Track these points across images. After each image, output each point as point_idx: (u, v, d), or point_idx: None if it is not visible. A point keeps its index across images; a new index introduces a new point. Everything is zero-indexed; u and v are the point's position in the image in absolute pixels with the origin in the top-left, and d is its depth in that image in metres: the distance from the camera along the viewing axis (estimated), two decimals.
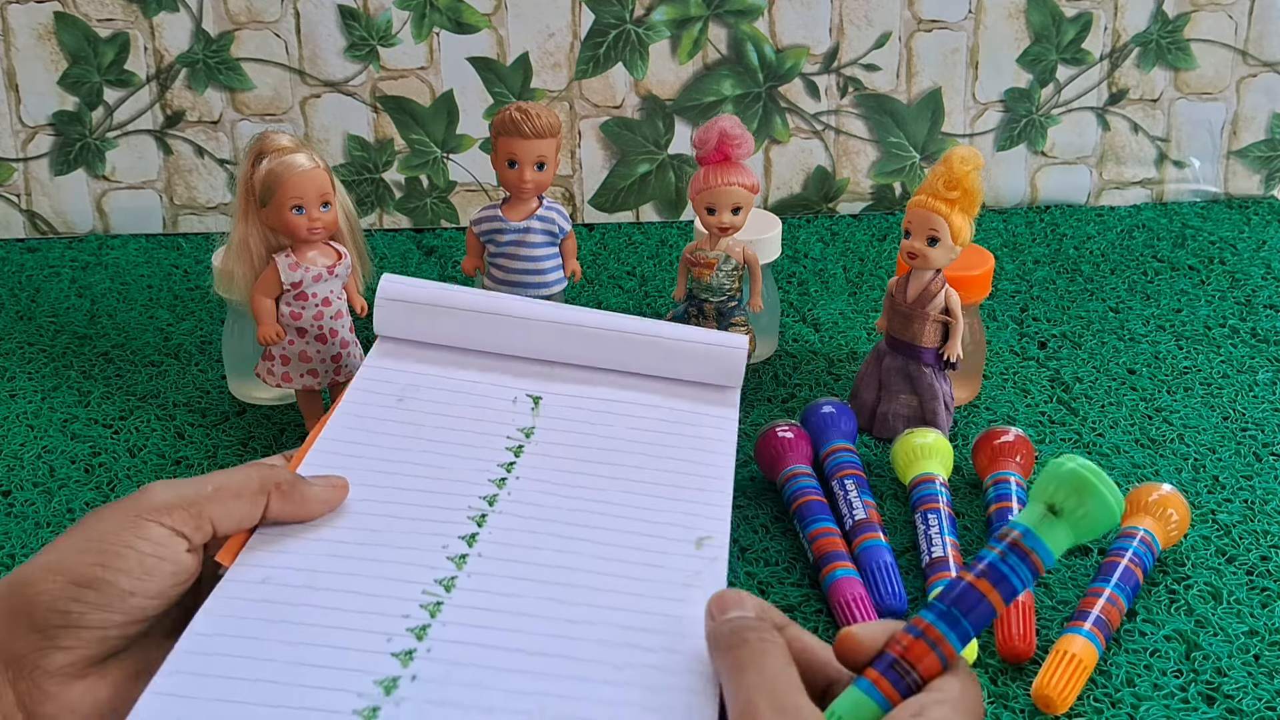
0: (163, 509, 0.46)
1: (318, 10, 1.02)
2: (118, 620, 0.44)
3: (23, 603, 0.43)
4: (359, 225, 0.78)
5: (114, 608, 0.44)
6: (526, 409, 0.62)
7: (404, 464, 0.57)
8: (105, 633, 0.44)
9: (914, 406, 0.77)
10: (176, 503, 0.46)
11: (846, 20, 1.05)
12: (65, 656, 0.43)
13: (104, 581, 0.44)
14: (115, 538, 0.45)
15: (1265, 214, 1.10)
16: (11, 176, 1.05)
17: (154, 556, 0.45)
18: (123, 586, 0.44)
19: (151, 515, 0.46)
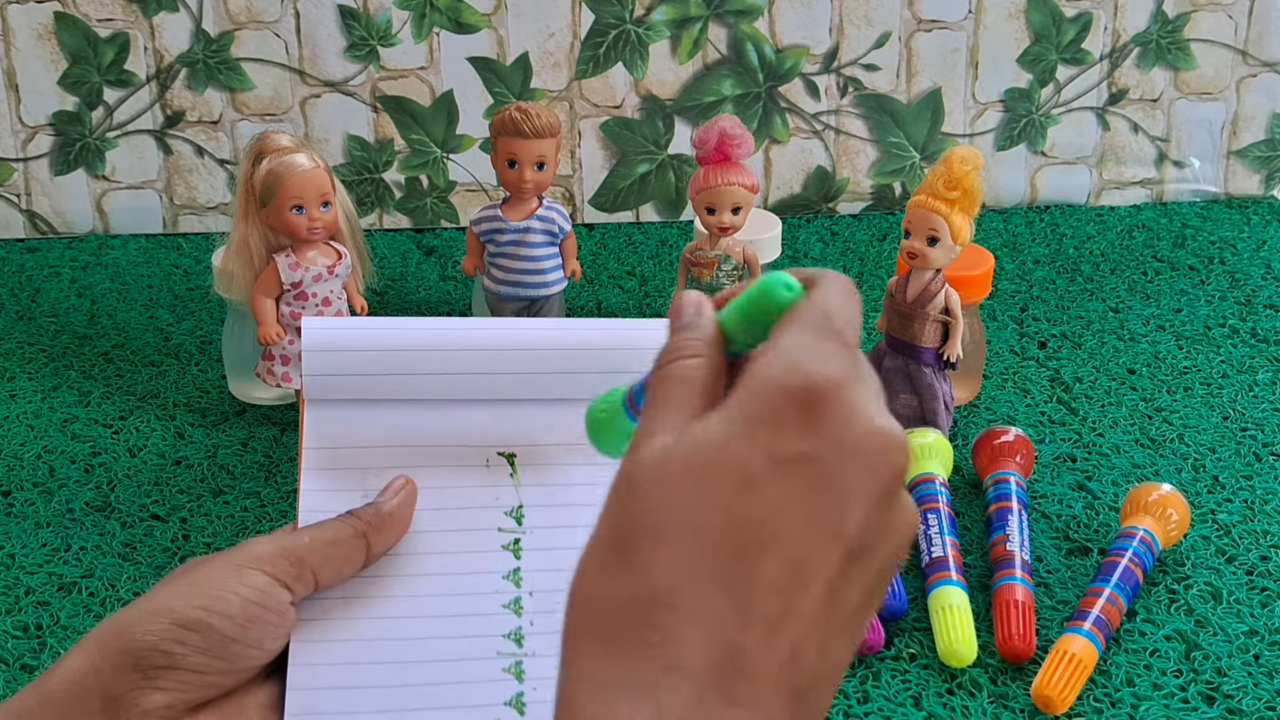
0: (264, 558, 0.46)
1: (318, 10, 1.02)
2: (218, 666, 0.45)
3: (126, 643, 0.44)
4: (359, 225, 0.79)
5: (215, 652, 0.44)
6: (505, 475, 0.56)
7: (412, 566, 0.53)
8: (205, 677, 0.44)
9: (914, 406, 0.77)
10: (277, 552, 0.47)
11: (846, 20, 1.05)
12: (163, 698, 0.44)
13: (207, 625, 0.44)
14: (220, 583, 0.45)
15: (1265, 214, 1.10)
16: (11, 176, 1.05)
17: (257, 604, 0.45)
18: (225, 632, 0.44)
19: (253, 564, 0.46)
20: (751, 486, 0.35)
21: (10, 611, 0.65)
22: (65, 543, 0.70)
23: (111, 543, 0.70)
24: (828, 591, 0.35)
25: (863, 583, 0.36)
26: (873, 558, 0.36)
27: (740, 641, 0.34)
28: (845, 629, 0.36)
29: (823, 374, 0.36)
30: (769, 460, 0.35)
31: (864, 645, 0.61)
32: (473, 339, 0.58)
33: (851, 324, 0.38)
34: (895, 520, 0.36)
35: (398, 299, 0.96)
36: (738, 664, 0.34)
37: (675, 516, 0.35)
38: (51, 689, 0.44)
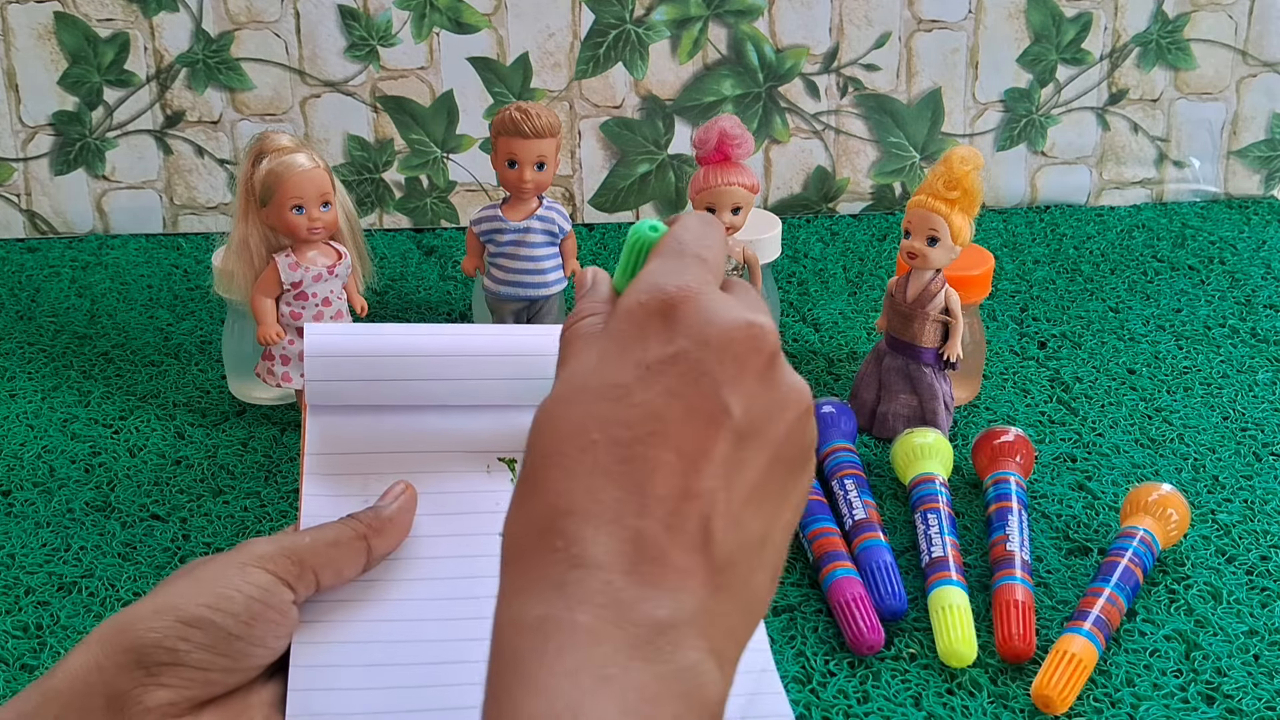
0: (267, 557, 0.47)
1: (318, 10, 1.02)
2: (221, 664, 0.45)
3: (130, 639, 0.44)
4: (359, 225, 0.79)
5: (219, 649, 0.45)
6: (505, 480, 0.57)
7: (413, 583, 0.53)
8: (208, 675, 0.45)
9: (914, 406, 0.77)
10: (280, 551, 0.47)
11: (846, 20, 1.05)
12: (166, 695, 0.44)
13: (211, 623, 0.45)
14: (224, 581, 0.46)
15: (1265, 214, 1.10)
16: (11, 176, 1.05)
17: (260, 602, 0.46)
18: (229, 629, 0.45)
19: (257, 562, 0.47)
20: (626, 394, 0.38)
21: (10, 611, 0.65)
22: (65, 543, 0.70)
23: (111, 543, 0.70)
24: (724, 469, 0.37)
25: (763, 457, 0.38)
26: (767, 434, 0.38)
27: (641, 527, 0.36)
28: (754, 501, 0.38)
29: (675, 284, 0.39)
30: (639, 369, 0.38)
31: (864, 645, 0.61)
32: (474, 345, 0.58)
33: (708, 245, 0.41)
34: (781, 397, 0.39)
35: (398, 299, 0.96)
36: (642, 547, 0.36)
37: (563, 438, 0.38)
38: (55, 686, 0.44)
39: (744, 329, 0.39)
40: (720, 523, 0.37)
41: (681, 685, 0.35)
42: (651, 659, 0.35)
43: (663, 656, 0.35)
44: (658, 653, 0.35)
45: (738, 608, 0.38)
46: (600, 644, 0.35)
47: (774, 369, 0.39)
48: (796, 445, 0.39)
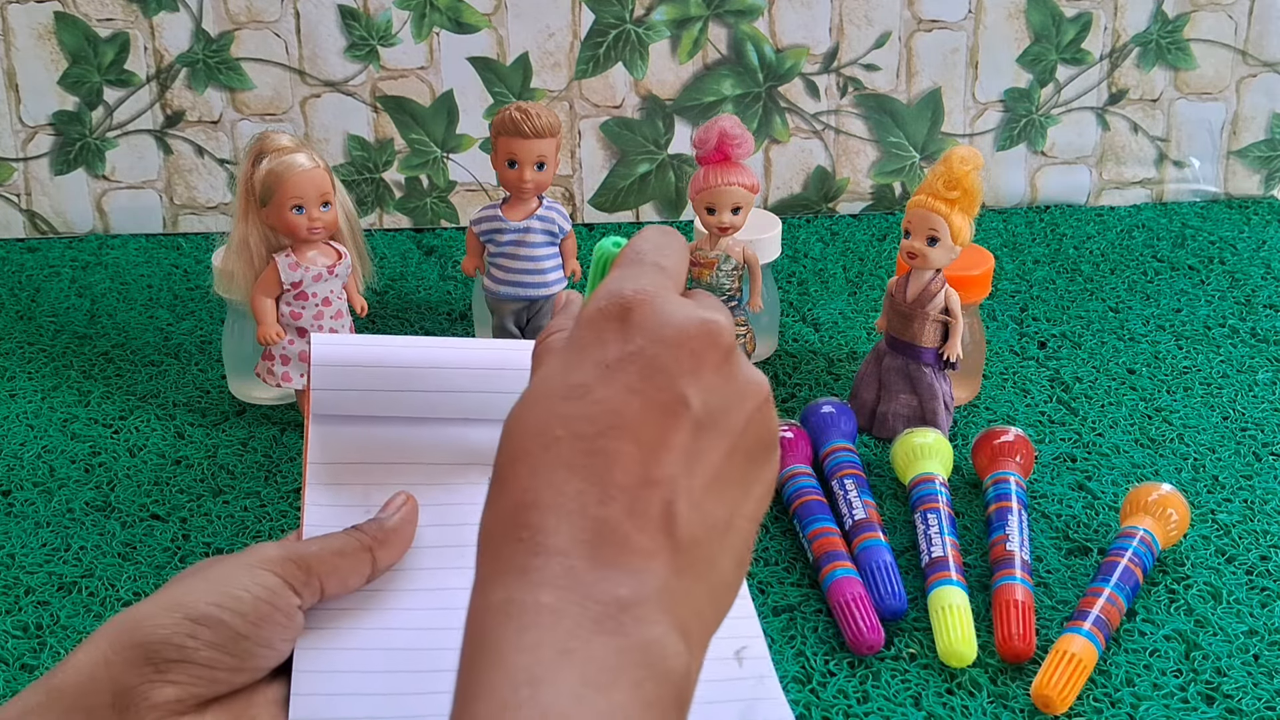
0: (275, 561, 0.48)
1: (318, 10, 1.02)
2: (228, 662, 0.46)
3: (139, 636, 0.45)
4: (359, 225, 0.79)
5: (226, 648, 0.46)
6: None
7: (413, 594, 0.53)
8: (215, 672, 0.45)
9: (914, 406, 0.77)
10: (287, 556, 0.48)
11: (846, 20, 1.05)
12: (173, 691, 0.45)
13: (219, 620, 0.45)
14: (233, 581, 0.47)
15: (1265, 214, 1.10)
16: (11, 176, 1.05)
17: (268, 603, 0.47)
18: (237, 628, 0.46)
19: (265, 565, 0.48)
20: (587, 392, 0.40)
21: (10, 611, 0.65)
22: (65, 543, 0.70)
23: (111, 543, 0.70)
24: (684, 457, 0.39)
25: (723, 446, 0.40)
26: (726, 423, 0.41)
27: (603, 514, 0.38)
28: (715, 487, 0.40)
29: (631, 289, 0.41)
30: (599, 368, 0.40)
31: (864, 645, 0.61)
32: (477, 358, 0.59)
33: (666, 254, 0.43)
34: (739, 389, 0.41)
35: (398, 299, 0.96)
36: (604, 533, 0.38)
37: (529, 437, 0.40)
38: (61, 682, 0.44)
39: (699, 325, 0.41)
40: (682, 506, 0.39)
41: (642, 657, 0.37)
42: (613, 633, 0.37)
43: (624, 631, 0.37)
44: (620, 627, 0.37)
45: (703, 589, 0.39)
46: (561, 621, 0.36)
47: (730, 363, 0.41)
48: (756, 435, 0.41)
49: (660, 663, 0.37)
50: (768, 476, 0.43)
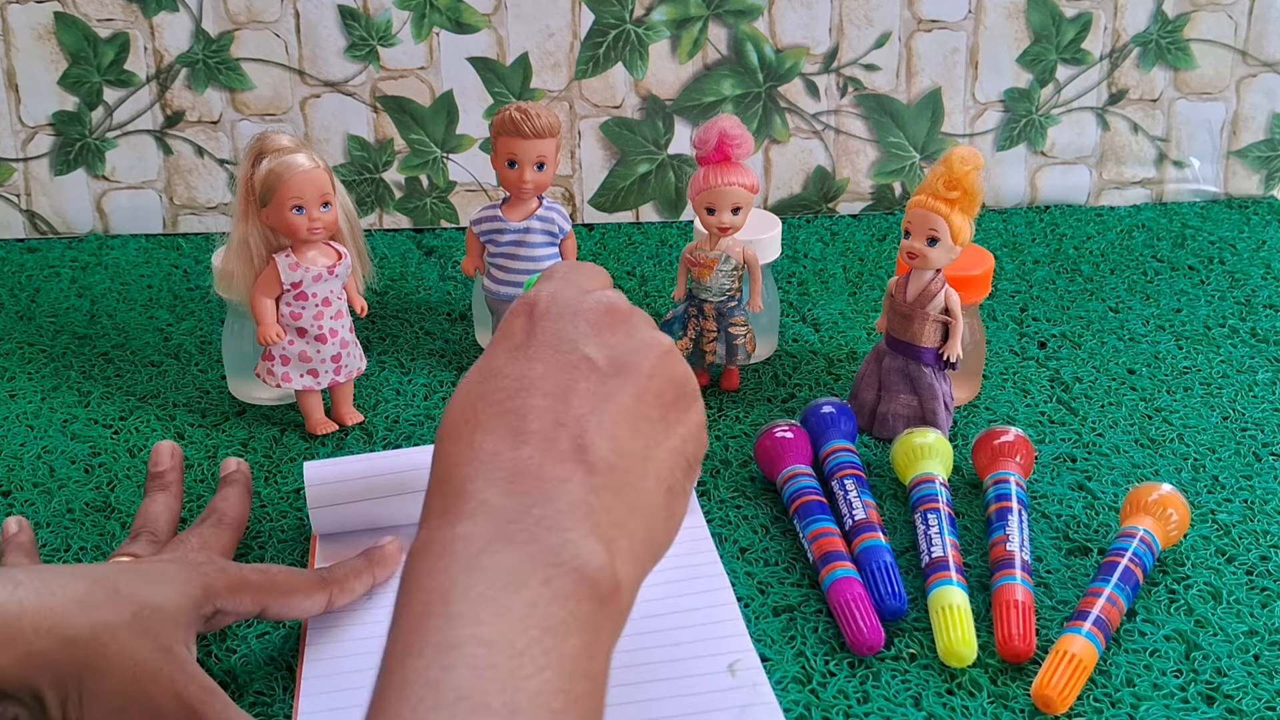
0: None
1: (318, 10, 1.02)
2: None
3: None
4: (359, 225, 0.79)
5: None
6: None
7: None
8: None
9: (914, 406, 0.77)
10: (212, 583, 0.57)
11: (846, 20, 1.05)
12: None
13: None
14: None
15: (1265, 214, 1.10)
16: (11, 176, 1.05)
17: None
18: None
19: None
20: (499, 370, 0.46)
21: None
22: (65, 543, 0.70)
23: (111, 543, 0.70)
24: (591, 400, 0.45)
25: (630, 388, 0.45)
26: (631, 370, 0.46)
27: (517, 456, 0.43)
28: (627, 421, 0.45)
29: (534, 293, 0.49)
30: (509, 352, 0.46)
31: (864, 645, 0.61)
32: None
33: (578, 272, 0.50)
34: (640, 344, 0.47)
35: (397, 299, 0.96)
36: (519, 471, 0.42)
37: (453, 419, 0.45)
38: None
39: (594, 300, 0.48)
40: (593, 437, 0.44)
41: (552, 557, 0.40)
42: (523, 543, 0.40)
43: (534, 539, 0.40)
44: (530, 538, 0.40)
45: (625, 505, 0.43)
46: (471, 543, 0.40)
47: (630, 325, 0.48)
48: (665, 380, 0.47)
49: (572, 560, 0.40)
50: (690, 419, 0.48)
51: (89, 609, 0.49)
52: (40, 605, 0.49)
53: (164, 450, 0.70)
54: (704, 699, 0.55)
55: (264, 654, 0.61)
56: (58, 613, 0.49)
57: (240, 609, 0.56)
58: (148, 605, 0.51)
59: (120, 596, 0.51)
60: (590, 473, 0.43)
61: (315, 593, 0.59)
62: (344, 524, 0.67)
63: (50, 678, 0.48)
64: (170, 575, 0.54)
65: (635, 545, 0.44)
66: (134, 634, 0.50)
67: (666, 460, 0.46)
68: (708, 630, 0.58)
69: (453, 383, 0.85)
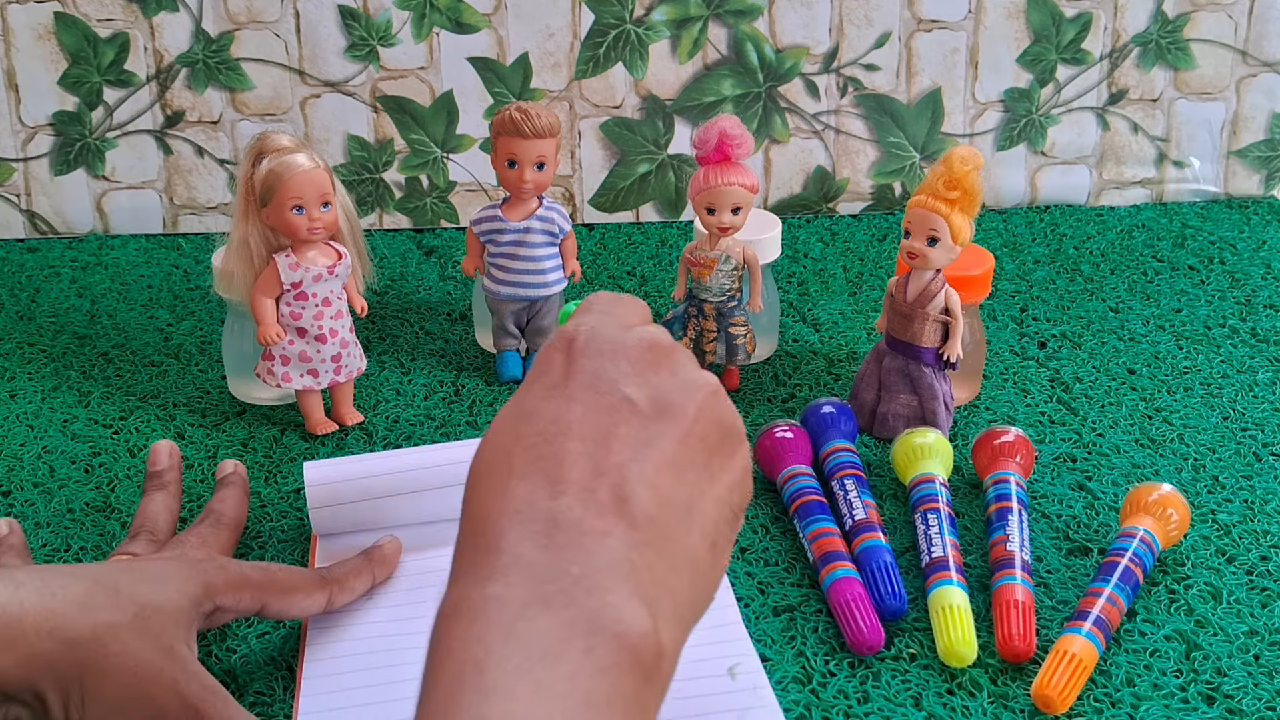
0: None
1: (318, 10, 1.02)
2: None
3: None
4: (359, 225, 0.79)
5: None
6: None
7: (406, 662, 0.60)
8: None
9: (914, 406, 0.77)
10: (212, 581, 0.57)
11: (846, 20, 1.05)
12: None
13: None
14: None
15: (1265, 214, 1.10)
16: (11, 176, 1.05)
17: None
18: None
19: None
20: (535, 411, 0.43)
21: None
22: (65, 543, 0.70)
23: (111, 543, 0.70)
24: (632, 446, 0.42)
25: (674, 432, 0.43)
26: (675, 412, 0.43)
27: (555, 507, 0.40)
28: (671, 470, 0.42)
29: (573, 325, 0.46)
30: (545, 390, 0.43)
31: (864, 645, 0.61)
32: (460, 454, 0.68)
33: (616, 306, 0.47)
34: (685, 383, 0.44)
35: (398, 299, 0.96)
36: (556, 523, 0.40)
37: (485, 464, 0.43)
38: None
39: (635, 337, 0.44)
40: (635, 487, 0.41)
41: (593, 623, 0.37)
42: (563, 607, 0.38)
43: (575, 603, 0.38)
44: (571, 600, 0.38)
45: (667, 562, 0.41)
46: (506, 606, 0.38)
47: (674, 363, 0.45)
48: (710, 423, 0.44)
49: (614, 625, 0.37)
50: (735, 465, 0.45)
51: (90, 610, 0.49)
52: (41, 606, 0.49)
53: (162, 450, 0.70)
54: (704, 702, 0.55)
55: (264, 654, 0.61)
56: (59, 614, 0.49)
57: (240, 606, 0.56)
58: (148, 605, 0.51)
59: (121, 596, 0.51)
60: (631, 526, 0.40)
61: (315, 591, 0.59)
62: (344, 524, 0.68)
63: (52, 679, 0.48)
64: (170, 574, 0.54)
65: (678, 606, 0.41)
66: (135, 634, 0.50)
67: (711, 511, 0.43)
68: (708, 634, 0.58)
69: (453, 383, 0.85)
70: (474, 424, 0.80)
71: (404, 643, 0.60)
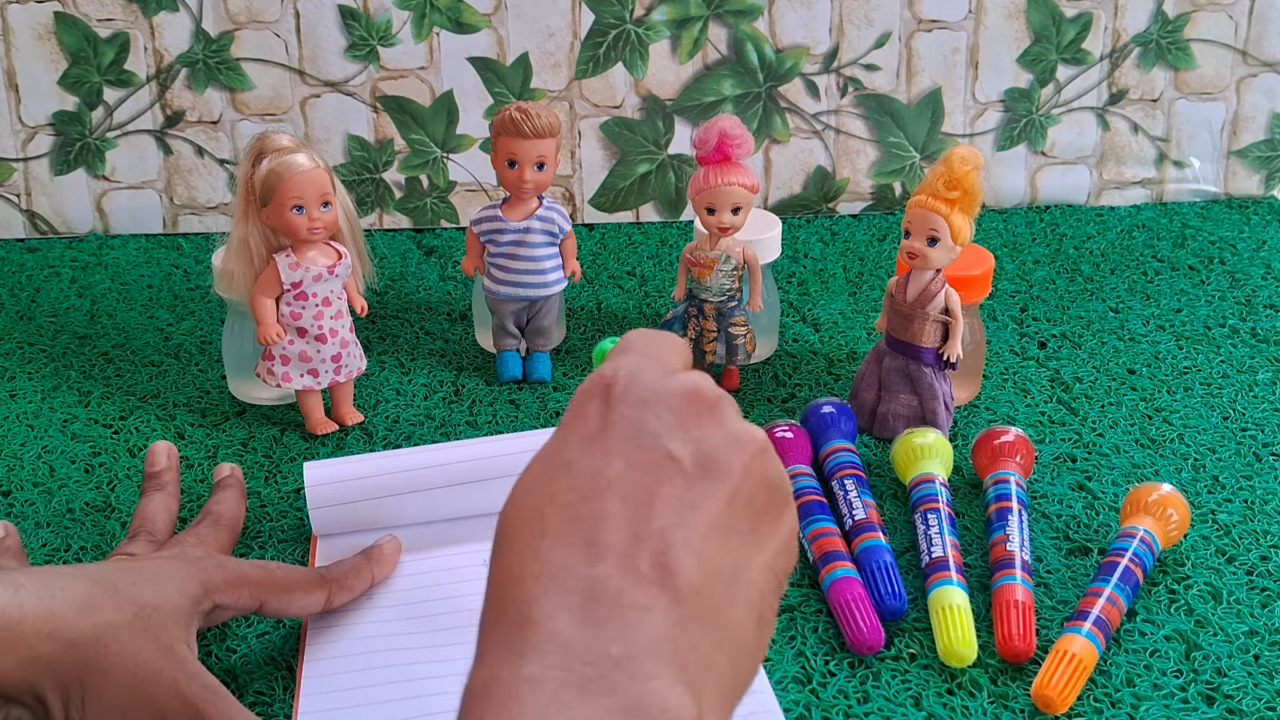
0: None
1: (318, 10, 1.02)
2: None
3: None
4: (359, 225, 0.79)
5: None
6: None
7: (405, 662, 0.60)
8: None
9: (914, 406, 0.77)
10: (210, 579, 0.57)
11: (846, 20, 1.05)
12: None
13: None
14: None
15: (1265, 214, 1.10)
16: (11, 176, 1.05)
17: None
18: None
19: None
20: (570, 465, 0.39)
21: None
22: (65, 543, 0.70)
23: (111, 543, 0.70)
24: (676, 508, 0.38)
25: (720, 494, 0.39)
26: (722, 471, 0.40)
27: (593, 575, 0.37)
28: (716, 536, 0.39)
29: (611, 368, 0.42)
30: (582, 441, 0.40)
31: (864, 645, 0.61)
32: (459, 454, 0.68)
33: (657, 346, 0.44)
34: (732, 438, 0.40)
35: (398, 299, 0.96)
36: (594, 594, 0.36)
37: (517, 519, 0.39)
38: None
39: (680, 385, 0.41)
40: (679, 555, 0.37)
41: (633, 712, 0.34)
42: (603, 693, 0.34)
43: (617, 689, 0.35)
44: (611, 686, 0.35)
45: (713, 640, 0.37)
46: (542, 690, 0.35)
47: (720, 415, 0.41)
48: (758, 482, 0.40)
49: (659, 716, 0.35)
50: (783, 529, 0.41)
51: (90, 611, 0.49)
52: (41, 608, 0.49)
53: (160, 451, 0.70)
54: None
55: (264, 654, 0.61)
56: (59, 615, 0.49)
57: (238, 604, 0.56)
58: (148, 605, 0.51)
59: (121, 597, 0.51)
60: (675, 600, 0.37)
61: (314, 590, 0.59)
62: (344, 524, 0.68)
63: (52, 680, 0.48)
64: (169, 573, 0.54)
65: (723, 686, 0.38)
66: (135, 634, 0.50)
67: (757, 580, 0.40)
68: None
69: (453, 383, 0.85)
70: (474, 424, 0.80)
71: (404, 643, 0.60)
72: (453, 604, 0.62)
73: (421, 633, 0.61)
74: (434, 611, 0.62)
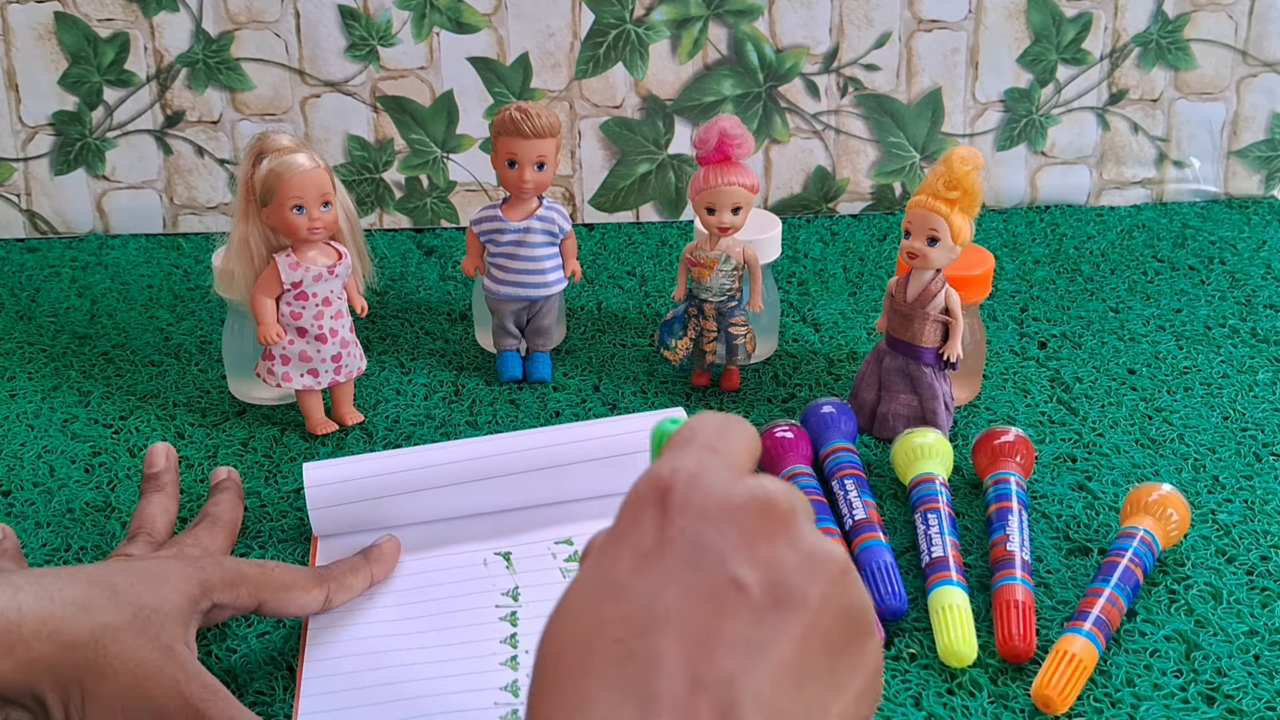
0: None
1: (318, 10, 1.02)
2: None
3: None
4: (359, 225, 0.79)
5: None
6: (500, 568, 0.65)
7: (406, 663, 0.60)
8: None
9: (914, 406, 0.77)
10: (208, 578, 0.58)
11: (846, 20, 1.05)
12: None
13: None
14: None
15: (1265, 214, 1.10)
16: (11, 176, 1.05)
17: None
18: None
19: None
20: (622, 589, 0.34)
21: None
22: (65, 543, 0.70)
23: (111, 543, 0.70)
24: (743, 650, 0.33)
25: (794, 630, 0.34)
26: (796, 601, 0.34)
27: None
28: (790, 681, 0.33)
29: (669, 468, 0.36)
30: (636, 559, 0.35)
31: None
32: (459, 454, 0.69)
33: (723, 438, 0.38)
34: (807, 560, 0.35)
35: (398, 299, 0.96)
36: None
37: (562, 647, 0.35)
38: None
39: (748, 495, 0.35)
40: (746, 710, 0.32)
41: None
42: None
43: None
44: None
45: None
46: None
47: (793, 531, 0.35)
48: (837, 614, 0.35)
49: None
50: (866, 666, 0.36)
51: (89, 612, 0.49)
52: (40, 610, 0.49)
53: (159, 452, 0.70)
54: None
55: (264, 653, 0.61)
56: (58, 617, 0.49)
57: (237, 603, 0.56)
58: (147, 605, 0.51)
59: (119, 598, 0.51)
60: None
61: (313, 589, 0.59)
62: (344, 525, 0.68)
63: (52, 682, 0.48)
64: (168, 574, 0.54)
65: None
66: (134, 635, 0.50)
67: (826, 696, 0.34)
68: None
69: (453, 383, 0.85)
70: (474, 424, 0.80)
71: (404, 643, 0.60)
72: (452, 604, 0.62)
73: (421, 632, 0.61)
74: (434, 611, 0.62)
